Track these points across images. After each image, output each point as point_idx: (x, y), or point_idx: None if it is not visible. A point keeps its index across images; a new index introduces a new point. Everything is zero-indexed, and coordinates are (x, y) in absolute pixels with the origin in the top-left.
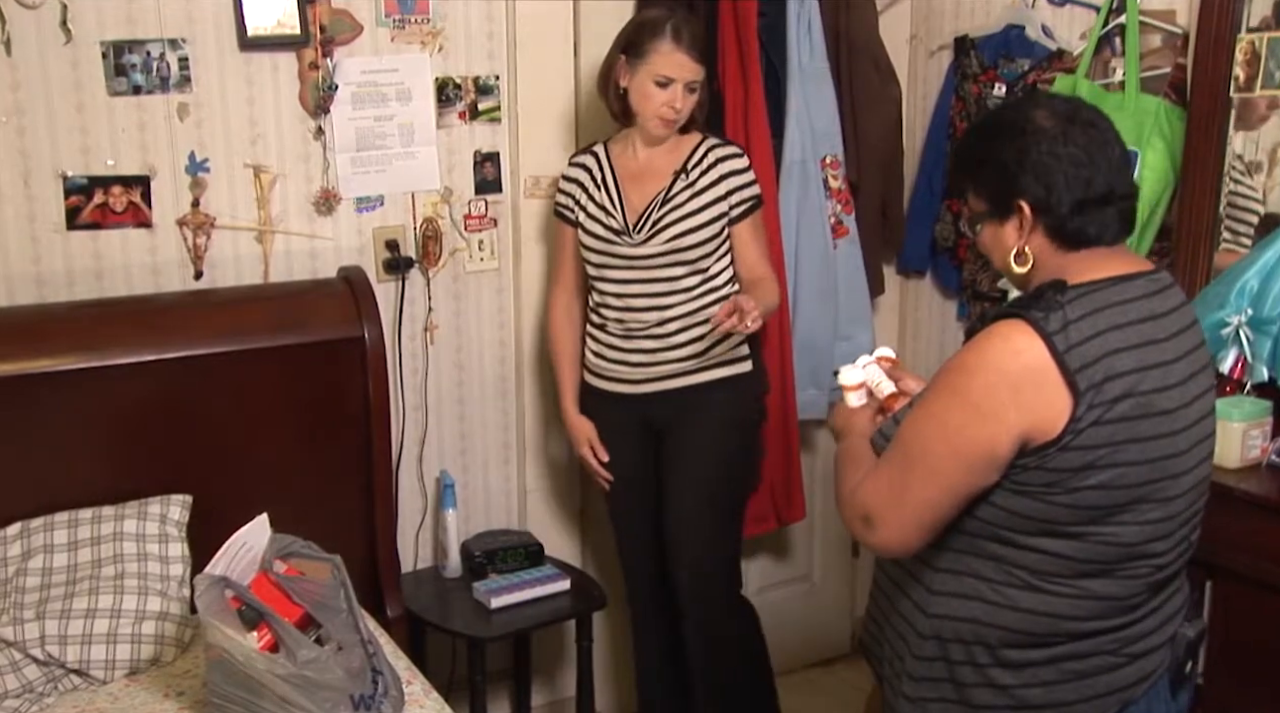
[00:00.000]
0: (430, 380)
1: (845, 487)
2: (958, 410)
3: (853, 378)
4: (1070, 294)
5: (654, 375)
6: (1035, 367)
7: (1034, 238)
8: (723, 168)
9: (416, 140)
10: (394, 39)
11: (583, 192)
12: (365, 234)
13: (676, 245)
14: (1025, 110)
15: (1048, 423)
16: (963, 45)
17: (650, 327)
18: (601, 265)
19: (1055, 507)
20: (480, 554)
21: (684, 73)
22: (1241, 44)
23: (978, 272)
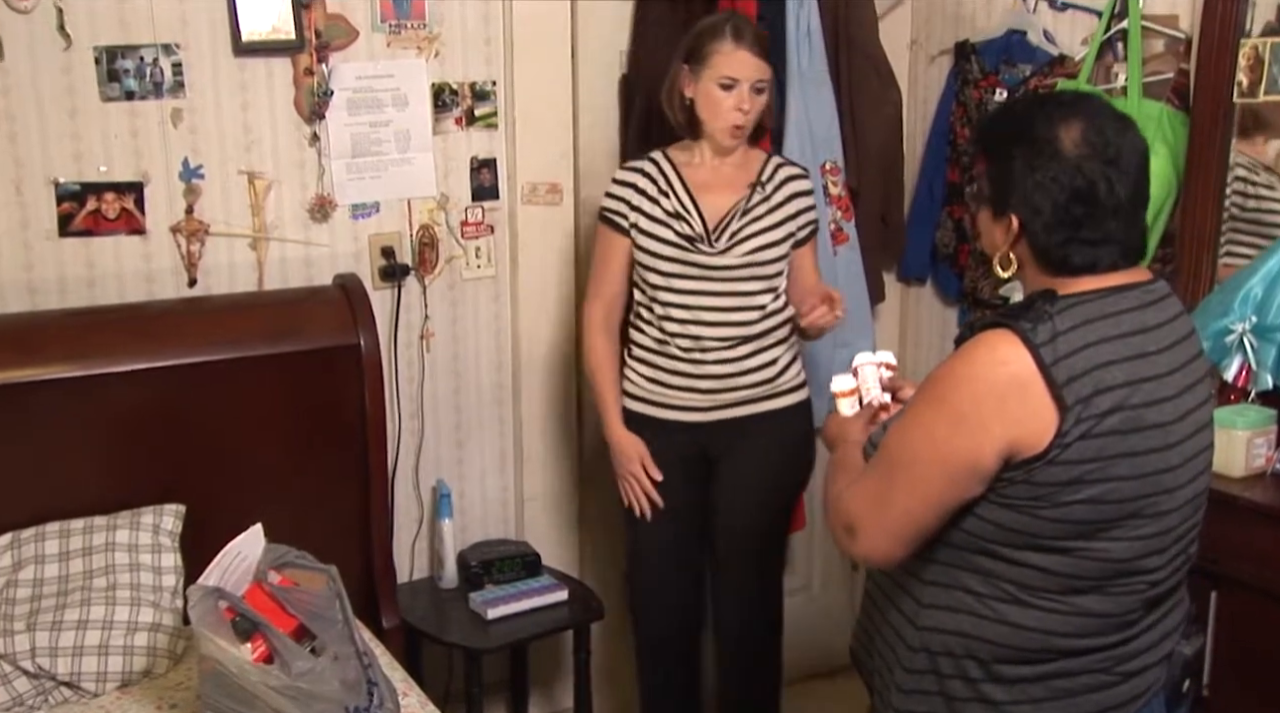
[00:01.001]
0: (426, 389)
1: (831, 494)
2: (942, 420)
3: (844, 384)
4: (1060, 304)
5: (723, 402)
6: (1021, 378)
7: (1020, 248)
8: (792, 187)
9: (412, 146)
10: (390, 44)
11: (643, 197)
12: (361, 241)
13: (756, 258)
14: (1056, 125)
15: (1033, 436)
16: (964, 50)
17: (722, 349)
18: (671, 275)
19: (1041, 521)
20: (477, 564)
21: (748, 71)
22: (1245, 49)
23: (979, 279)
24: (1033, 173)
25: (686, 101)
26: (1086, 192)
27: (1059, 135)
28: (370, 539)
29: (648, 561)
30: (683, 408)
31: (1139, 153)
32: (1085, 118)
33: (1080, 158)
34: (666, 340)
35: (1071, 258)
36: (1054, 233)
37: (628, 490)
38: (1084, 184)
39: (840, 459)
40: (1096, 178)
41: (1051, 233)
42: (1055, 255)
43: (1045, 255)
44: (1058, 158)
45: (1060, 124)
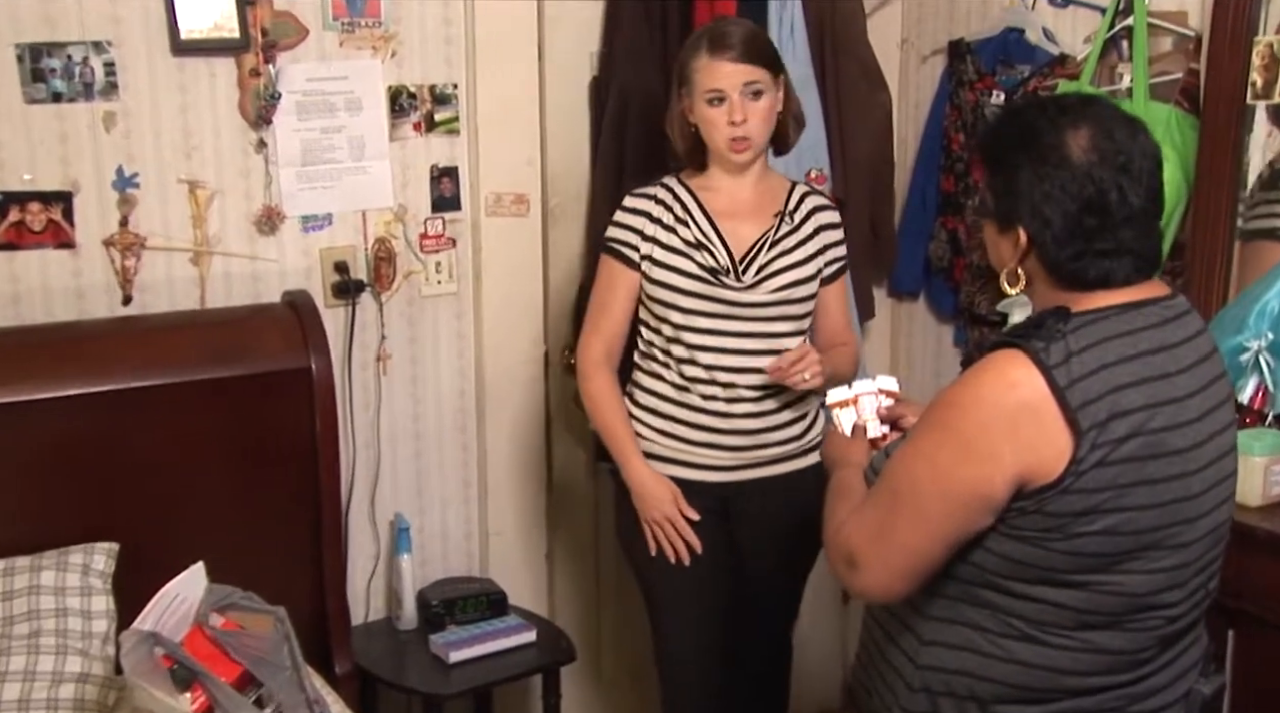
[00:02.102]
0: (383, 415)
1: (831, 524)
2: (948, 448)
3: (840, 394)
4: (1074, 323)
5: (751, 461)
6: (1033, 402)
7: (1029, 263)
8: (819, 219)
9: (368, 154)
10: (343, 44)
11: (658, 227)
12: (312, 256)
13: (787, 296)
14: (1064, 131)
15: (1046, 463)
16: (958, 50)
17: (752, 400)
18: (691, 312)
19: (1054, 554)
20: (438, 604)
21: (732, 79)
22: (1259, 47)
23: (975, 294)
24: (1040, 183)
25: (692, 128)
26: (1098, 201)
27: (1066, 142)
28: (322, 578)
29: (680, 655)
30: (703, 466)
31: (1151, 158)
32: (1093, 122)
33: (1090, 165)
34: (687, 387)
35: (1085, 272)
36: (1065, 246)
37: (659, 536)
38: (1095, 193)
39: (840, 484)
40: (1108, 186)
41: (1063, 246)
42: (1067, 270)
43: (1057, 270)
44: (1066, 166)
45: (1067, 130)
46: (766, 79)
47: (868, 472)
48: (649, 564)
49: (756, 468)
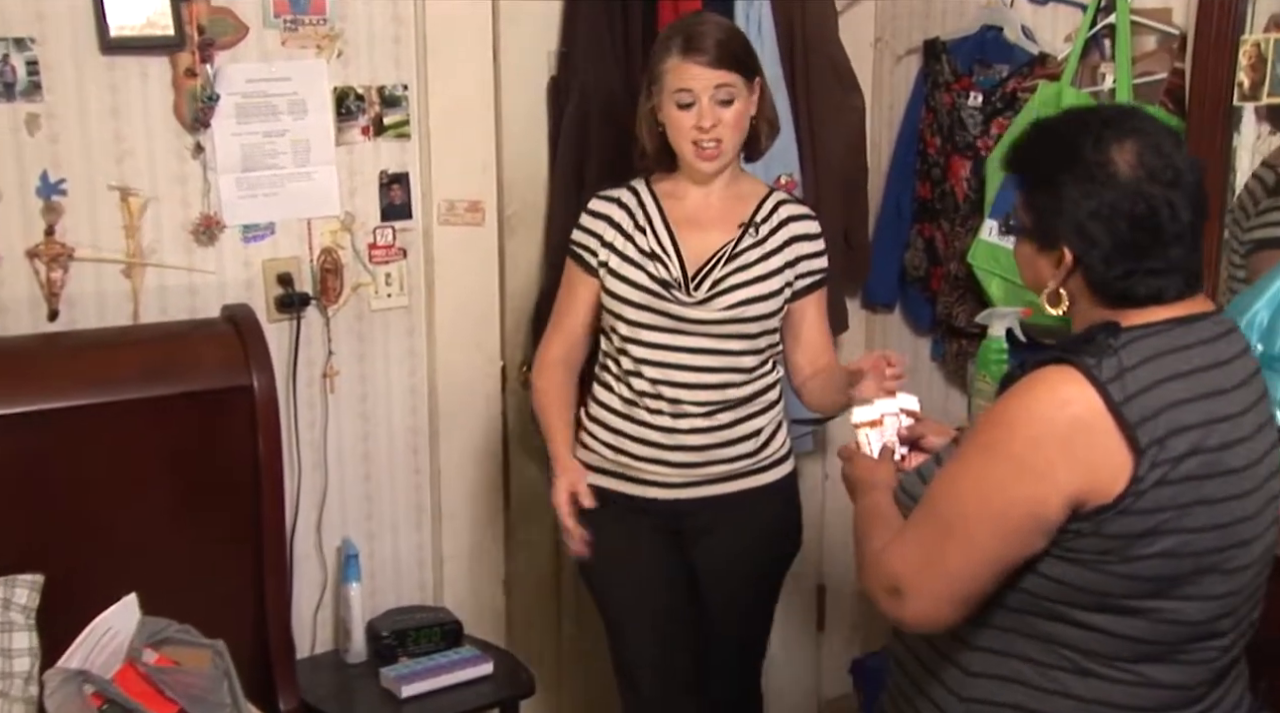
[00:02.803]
0: (330, 435)
1: (869, 551)
2: (998, 468)
3: (867, 415)
4: (1124, 338)
5: (699, 478)
6: (1087, 419)
7: (1072, 282)
8: (792, 229)
9: (312, 159)
10: (285, 43)
11: (616, 232)
12: (253, 267)
13: (739, 314)
14: (1108, 146)
15: (1104, 483)
16: (933, 49)
17: (698, 416)
18: (638, 324)
19: (1111, 578)
20: (389, 635)
21: (701, 82)
22: (1245, 46)
23: (953, 304)
24: (1086, 200)
25: (660, 128)
26: (1148, 218)
27: (1113, 158)
28: (265, 608)
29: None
30: (651, 483)
31: (1198, 170)
32: (1139, 136)
33: (1139, 181)
34: (634, 400)
35: (1134, 290)
36: (1114, 265)
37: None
38: (1145, 210)
39: (871, 509)
40: (1158, 203)
41: (1111, 265)
42: (1115, 289)
43: (1104, 288)
44: (1114, 183)
45: (1112, 144)
46: (740, 84)
47: (898, 494)
48: (604, 588)
49: (706, 486)
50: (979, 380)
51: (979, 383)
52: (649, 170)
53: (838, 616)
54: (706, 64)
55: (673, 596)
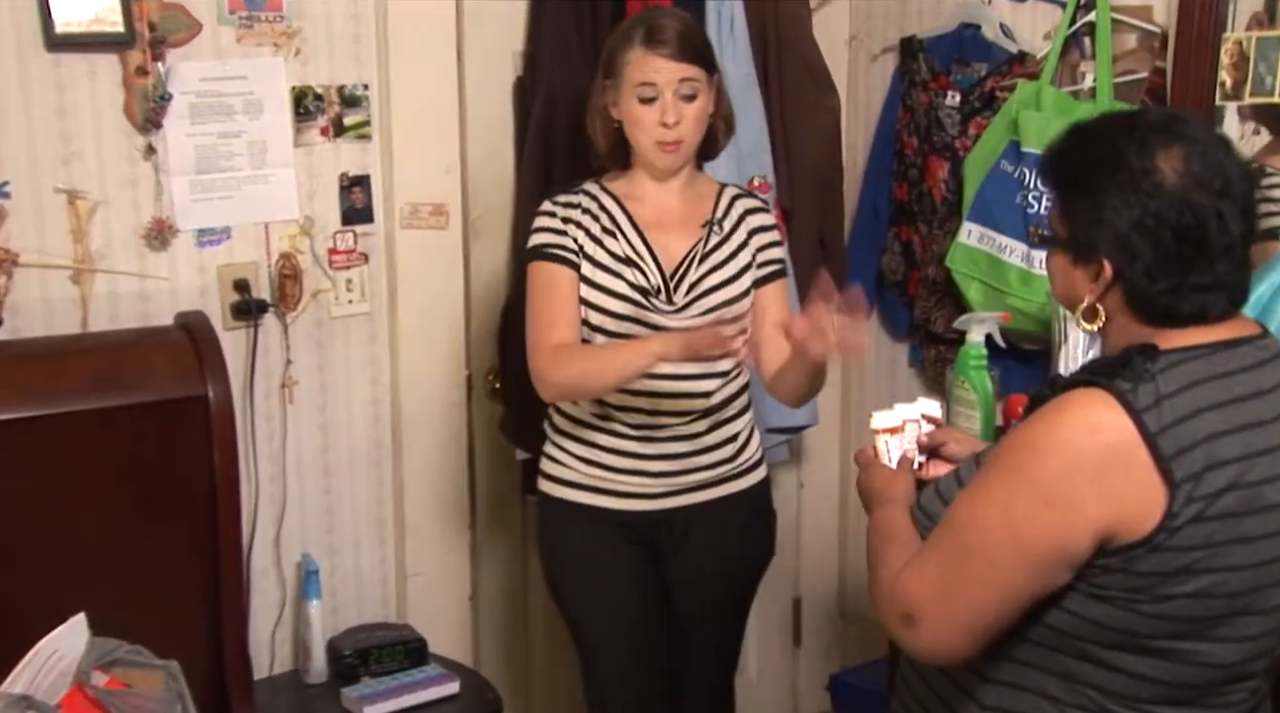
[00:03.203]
0: (289, 447)
1: (883, 573)
2: (1024, 496)
3: (888, 420)
4: (1162, 362)
5: (677, 487)
6: (1120, 448)
7: (1111, 297)
8: (751, 222)
9: (270, 161)
10: (241, 40)
11: (587, 237)
12: (208, 273)
13: (720, 317)
14: (1154, 152)
15: (1134, 518)
16: (910, 48)
17: (679, 424)
18: (617, 336)
19: (1140, 617)
20: (350, 654)
21: (664, 75)
22: (1227, 45)
23: (931, 309)
24: (1129, 210)
25: (615, 124)
26: (1195, 230)
27: (1158, 165)
28: (220, 628)
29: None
30: (627, 494)
31: (1247, 179)
32: (1185, 141)
33: (1186, 190)
34: (609, 415)
35: (1177, 307)
36: (1157, 280)
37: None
38: (1193, 221)
39: (886, 525)
40: (1206, 213)
41: (1154, 280)
42: (1158, 305)
43: (1145, 305)
44: (1160, 192)
45: (1159, 151)
46: (702, 79)
47: (915, 511)
48: (575, 605)
49: (685, 494)
50: (958, 387)
51: (958, 390)
52: (602, 170)
53: (814, 630)
54: (670, 56)
55: (646, 609)
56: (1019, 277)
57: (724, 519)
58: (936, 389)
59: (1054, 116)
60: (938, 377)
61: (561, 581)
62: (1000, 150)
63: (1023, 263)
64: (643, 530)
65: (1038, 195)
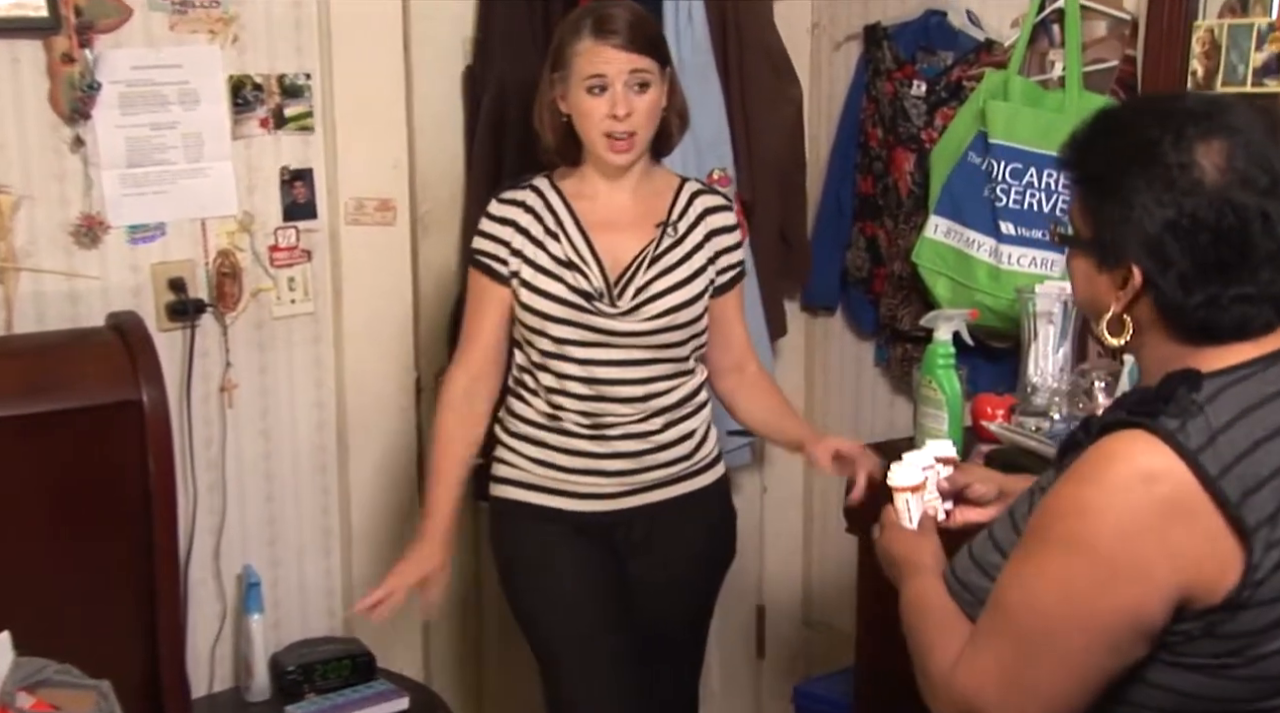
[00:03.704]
0: (229, 454)
1: (934, 666)
2: (1082, 569)
3: (908, 478)
4: (1208, 389)
5: (633, 486)
6: (1182, 501)
7: (1140, 308)
8: (710, 223)
9: (206, 154)
10: (174, 27)
11: (526, 239)
12: (142, 271)
13: (670, 322)
14: (1192, 145)
15: (1211, 577)
16: (874, 36)
17: (630, 423)
18: (564, 341)
19: (1236, 682)
20: (294, 669)
21: (614, 65)
22: (1199, 33)
23: (898, 307)
24: (1161, 210)
25: (564, 118)
26: (1238, 233)
27: (1197, 159)
28: (156, 644)
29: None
30: (582, 495)
31: None
32: (1228, 132)
33: (1227, 187)
34: (558, 416)
35: (1216, 321)
36: (1193, 291)
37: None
38: (1235, 223)
39: (923, 602)
40: (1250, 214)
41: (1190, 291)
42: (1194, 319)
43: (1179, 318)
44: (1197, 189)
45: (1198, 143)
46: (654, 70)
47: (951, 583)
48: (532, 611)
49: (642, 494)
50: (925, 387)
51: (925, 390)
52: (552, 166)
53: (778, 640)
54: (620, 46)
55: (606, 614)
56: (987, 272)
57: (683, 519)
58: (904, 390)
59: (1022, 106)
60: (904, 376)
61: (517, 586)
62: (967, 142)
63: (991, 258)
64: (600, 533)
65: (1006, 188)
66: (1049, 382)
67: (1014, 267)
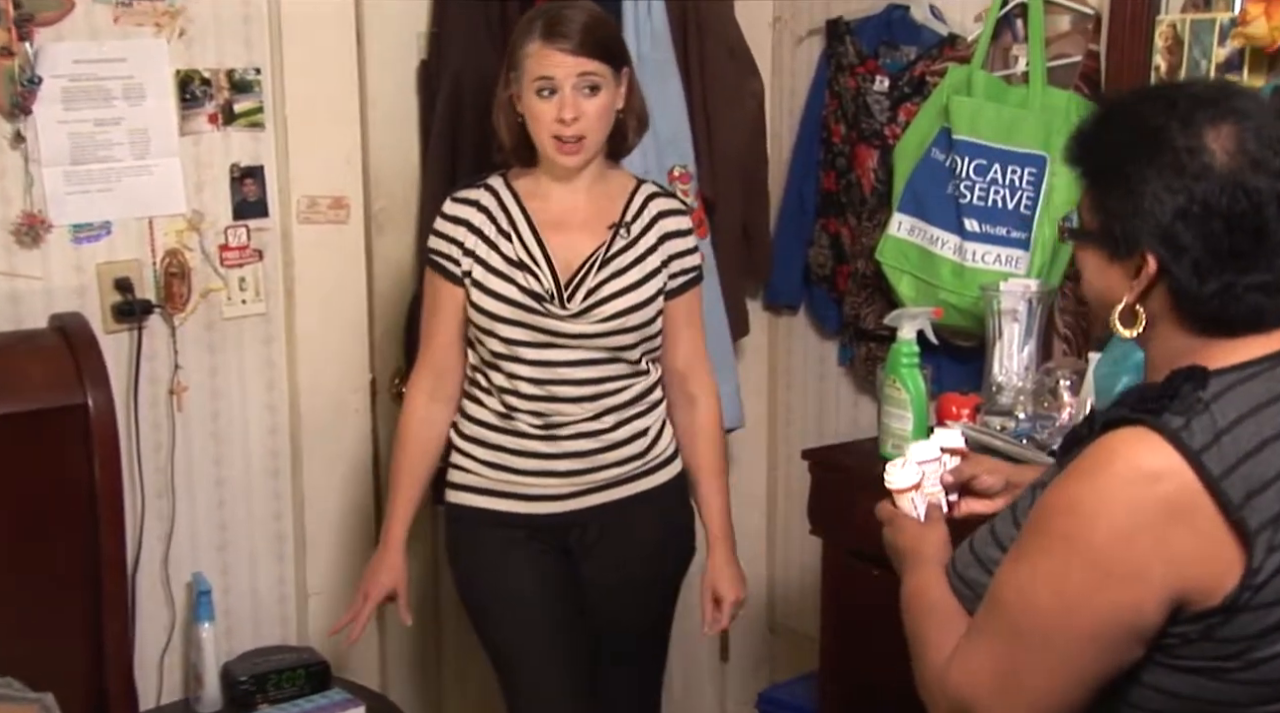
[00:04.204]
0: (178, 459)
1: (928, 662)
2: (1077, 569)
3: (905, 479)
4: (1214, 387)
5: (586, 486)
6: (1180, 500)
7: (1153, 300)
8: (664, 226)
9: (153, 151)
10: (118, 20)
11: (479, 239)
12: (87, 272)
13: (620, 325)
14: (1200, 130)
15: (1209, 579)
16: (836, 30)
17: (581, 421)
18: (514, 341)
19: (1235, 685)
20: (246, 679)
21: (563, 69)
22: (1161, 28)
23: (861, 305)
24: (1172, 196)
25: (519, 118)
26: (1251, 218)
27: (1206, 144)
28: (103, 655)
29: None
30: (536, 497)
31: None
32: (1237, 116)
33: (1239, 171)
34: (511, 416)
35: (1230, 311)
36: (1207, 278)
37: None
38: (1247, 208)
39: (922, 595)
40: (1265, 198)
41: (1205, 279)
42: (1208, 308)
43: (1194, 307)
44: (1208, 174)
45: (1207, 128)
46: (606, 74)
47: (952, 578)
48: (489, 616)
49: (595, 493)
50: (889, 386)
51: (889, 389)
52: (507, 165)
53: (743, 645)
54: (569, 51)
55: (565, 617)
56: (951, 270)
57: (638, 518)
58: (868, 389)
59: (986, 102)
60: (868, 376)
61: (474, 592)
62: (931, 138)
63: (955, 256)
64: (555, 534)
65: (970, 185)
66: (1014, 381)
67: (978, 264)
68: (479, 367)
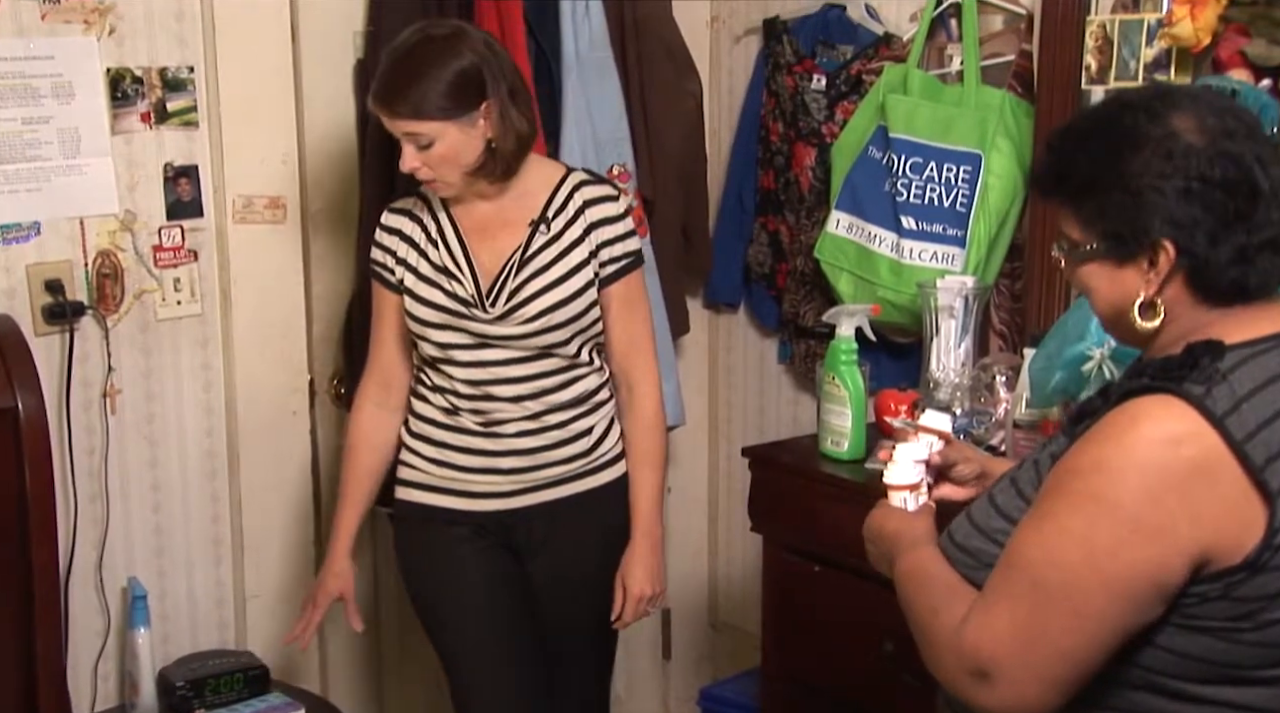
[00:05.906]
0: (112, 462)
1: (940, 627)
2: (1106, 526)
3: (904, 476)
4: (1231, 359)
5: (530, 484)
6: (1205, 462)
7: (1171, 285)
8: (591, 214)
9: (84, 150)
10: (45, 17)
11: (410, 248)
12: (15, 273)
13: (546, 323)
14: (1165, 118)
15: (1232, 538)
16: (773, 29)
17: (523, 419)
18: (447, 345)
19: (1242, 647)
20: (183, 685)
21: (393, 127)
22: (1092, 28)
23: (800, 302)
24: (1169, 180)
25: None
26: (1243, 181)
27: (1175, 129)
28: (34, 664)
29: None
30: (481, 494)
31: (1259, 126)
32: (1188, 100)
33: (1214, 142)
34: (455, 411)
35: (1246, 276)
36: (1221, 243)
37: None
38: (1236, 172)
39: (921, 571)
40: (1247, 160)
41: (1218, 243)
42: (1226, 277)
43: (1215, 278)
44: (1193, 152)
45: (1171, 116)
46: (434, 128)
47: (949, 549)
48: (436, 613)
49: (539, 491)
50: (828, 383)
51: (828, 386)
52: None
53: (684, 642)
54: (389, 116)
55: (511, 615)
56: (889, 267)
57: (583, 517)
58: (808, 386)
59: (921, 100)
60: (808, 372)
61: (420, 589)
62: (868, 136)
63: (892, 253)
64: (500, 532)
65: (907, 183)
66: (951, 376)
67: (915, 261)
68: (421, 367)
